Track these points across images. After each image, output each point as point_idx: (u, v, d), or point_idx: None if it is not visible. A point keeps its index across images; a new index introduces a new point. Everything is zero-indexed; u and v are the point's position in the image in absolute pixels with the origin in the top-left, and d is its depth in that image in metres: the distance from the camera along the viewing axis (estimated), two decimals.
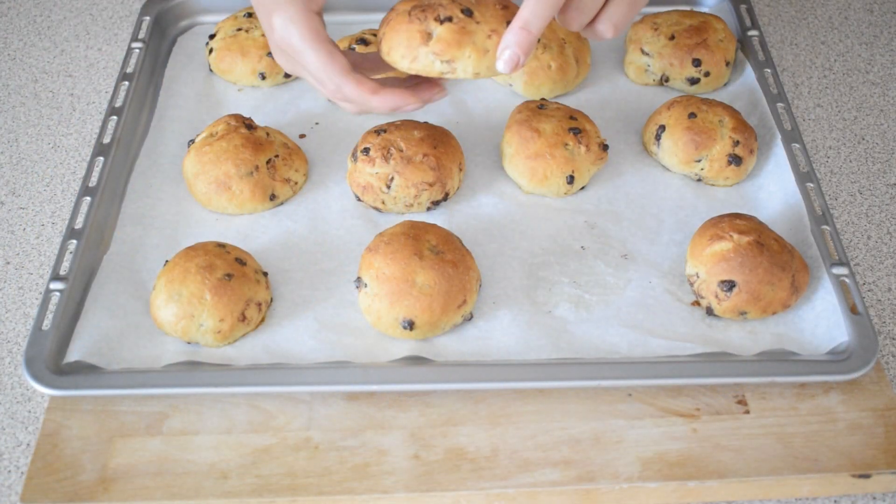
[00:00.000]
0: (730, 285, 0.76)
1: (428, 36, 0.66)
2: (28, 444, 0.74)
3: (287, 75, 0.99)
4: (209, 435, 0.71)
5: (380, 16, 0.76)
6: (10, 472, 0.72)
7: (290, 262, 0.83)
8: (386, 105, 0.69)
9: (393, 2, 0.75)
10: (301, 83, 1.00)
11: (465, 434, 0.72)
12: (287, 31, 0.68)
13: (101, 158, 0.88)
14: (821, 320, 0.77)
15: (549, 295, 0.80)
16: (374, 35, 0.97)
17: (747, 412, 0.73)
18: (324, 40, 0.67)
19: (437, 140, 0.86)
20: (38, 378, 0.72)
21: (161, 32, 1.04)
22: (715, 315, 0.78)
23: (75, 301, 0.78)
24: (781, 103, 0.93)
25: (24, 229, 0.90)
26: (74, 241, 0.81)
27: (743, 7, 1.05)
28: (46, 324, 0.75)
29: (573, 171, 0.86)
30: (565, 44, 0.96)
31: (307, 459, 0.70)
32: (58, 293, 0.77)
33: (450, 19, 0.67)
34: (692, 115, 0.88)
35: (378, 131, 0.86)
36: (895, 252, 0.87)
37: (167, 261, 0.78)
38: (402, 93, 0.72)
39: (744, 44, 1.01)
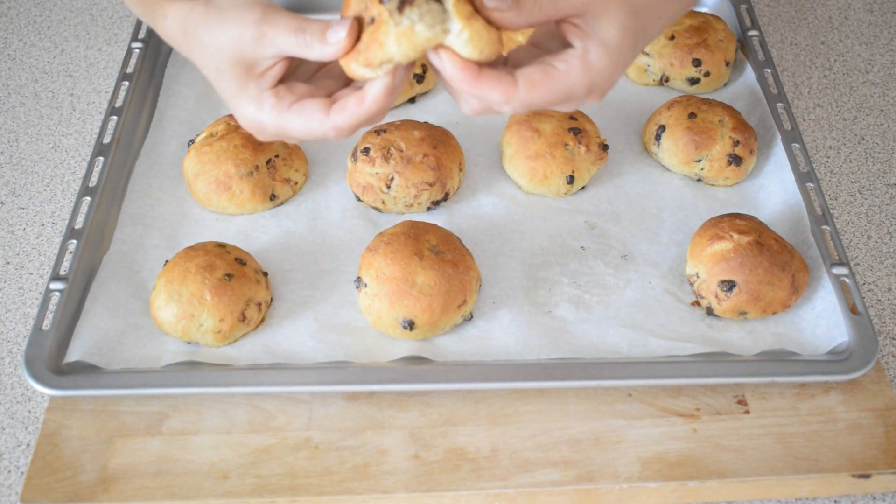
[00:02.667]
0: (730, 285, 0.76)
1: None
2: (28, 444, 0.74)
3: None
4: (209, 435, 0.71)
5: None
6: (10, 472, 0.72)
7: (290, 262, 0.83)
8: (381, 95, 0.58)
9: None
10: None
11: (465, 434, 0.72)
12: (256, 124, 0.62)
13: (101, 158, 0.88)
14: (821, 320, 0.77)
15: (549, 295, 0.80)
16: None
17: (747, 412, 0.73)
18: (286, 108, 0.60)
19: (437, 140, 0.86)
20: (38, 378, 0.72)
21: None
22: (715, 315, 0.78)
23: (75, 301, 0.78)
24: (781, 103, 0.93)
25: (24, 229, 0.90)
26: (74, 241, 0.81)
27: (743, 7, 1.04)
28: (46, 324, 0.75)
29: (573, 171, 0.86)
30: None
31: (307, 459, 0.70)
32: (58, 293, 0.77)
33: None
34: (692, 115, 0.88)
35: (378, 131, 0.86)
36: (895, 252, 0.87)
37: (167, 261, 0.78)
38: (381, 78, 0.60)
39: (744, 44, 1.01)
